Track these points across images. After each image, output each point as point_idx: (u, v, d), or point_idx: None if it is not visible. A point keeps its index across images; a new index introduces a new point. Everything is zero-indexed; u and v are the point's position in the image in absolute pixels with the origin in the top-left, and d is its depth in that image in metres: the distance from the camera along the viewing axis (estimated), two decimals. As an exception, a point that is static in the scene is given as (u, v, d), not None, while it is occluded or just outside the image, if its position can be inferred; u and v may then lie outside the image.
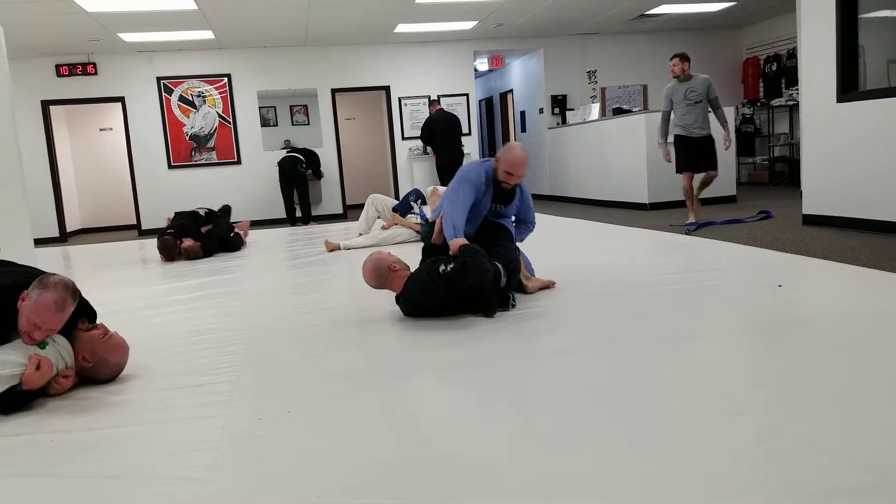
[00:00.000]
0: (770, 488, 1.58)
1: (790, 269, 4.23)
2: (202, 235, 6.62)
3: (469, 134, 11.49)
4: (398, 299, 3.51)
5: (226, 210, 7.62)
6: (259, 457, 1.95)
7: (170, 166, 10.94)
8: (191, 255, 6.47)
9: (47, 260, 6.23)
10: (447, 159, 9.98)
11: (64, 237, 10.76)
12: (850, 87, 5.76)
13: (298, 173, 10.29)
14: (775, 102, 11.01)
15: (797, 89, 9.00)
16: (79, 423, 2.28)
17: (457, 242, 3.47)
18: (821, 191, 5.14)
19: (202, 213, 7.11)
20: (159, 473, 1.88)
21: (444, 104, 11.27)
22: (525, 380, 2.46)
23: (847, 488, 1.56)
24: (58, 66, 10.40)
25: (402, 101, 11.55)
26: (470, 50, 11.64)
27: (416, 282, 3.39)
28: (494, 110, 15.38)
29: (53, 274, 2.56)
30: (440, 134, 10.09)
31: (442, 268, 3.29)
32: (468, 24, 10.36)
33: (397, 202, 7.13)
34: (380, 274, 3.45)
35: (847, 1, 5.55)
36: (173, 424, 2.24)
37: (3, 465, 2.01)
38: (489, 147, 15.46)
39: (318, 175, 10.78)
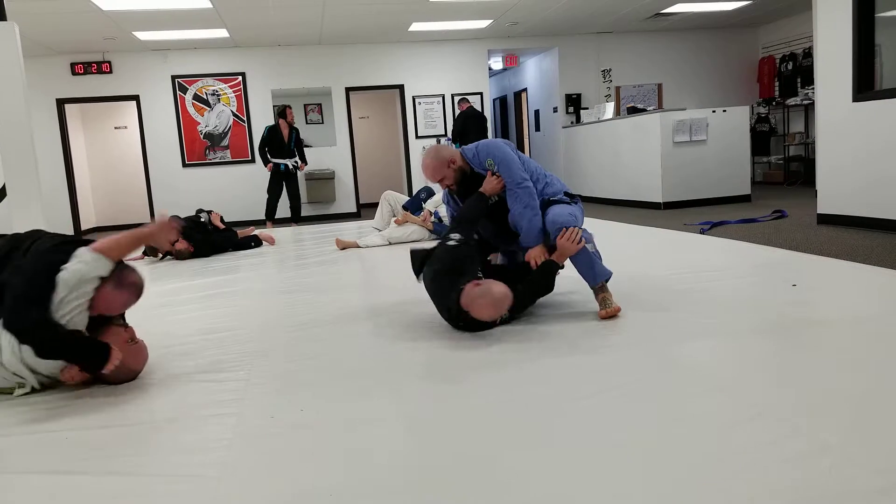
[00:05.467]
0: (785, 490, 1.56)
1: (805, 268, 4.19)
2: (196, 240, 6.63)
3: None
4: (416, 259, 3.37)
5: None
6: (272, 455, 1.95)
7: (184, 165, 11.00)
8: (180, 257, 6.53)
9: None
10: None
11: (79, 235, 10.83)
12: (866, 86, 5.72)
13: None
14: (791, 102, 10.93)
15: (813, 88, 8.95)
16: (92, 421, 2.30)
17: (538, 253, 3.32)
18: (836, 190, 5.11)
19: (201, 217, 7.10)
20: (172, 471, 1.89)
21: (457, 103, 11.37)
22: (541, 381, 2.45)
23: (863, 491, 1.54)
24: (73, 65, 10.47)
25: (416, 100, 11.56)
26: (484, 48, 11.63)
27: (436, 283, 3.21)
28: (508, 109, 15.35)
29: (132, 270, 2.66)
30: (471, 129, 10.42)
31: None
32: (483, 23, 10.35)
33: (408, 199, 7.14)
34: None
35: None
36: (186, 422, 2.25)
37: (18, 462, 2.03)
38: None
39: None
